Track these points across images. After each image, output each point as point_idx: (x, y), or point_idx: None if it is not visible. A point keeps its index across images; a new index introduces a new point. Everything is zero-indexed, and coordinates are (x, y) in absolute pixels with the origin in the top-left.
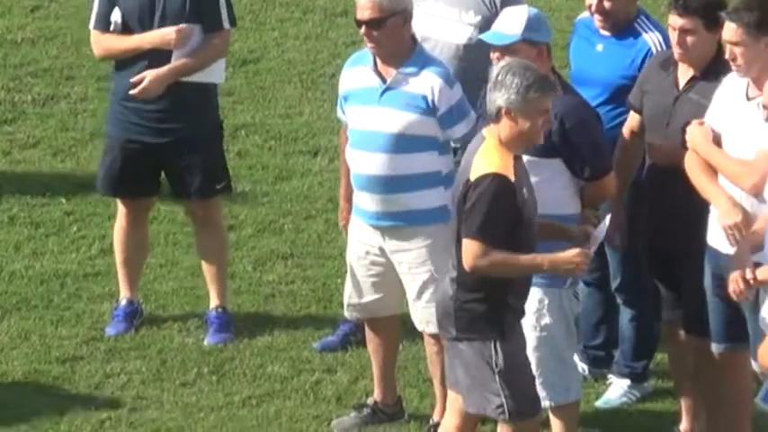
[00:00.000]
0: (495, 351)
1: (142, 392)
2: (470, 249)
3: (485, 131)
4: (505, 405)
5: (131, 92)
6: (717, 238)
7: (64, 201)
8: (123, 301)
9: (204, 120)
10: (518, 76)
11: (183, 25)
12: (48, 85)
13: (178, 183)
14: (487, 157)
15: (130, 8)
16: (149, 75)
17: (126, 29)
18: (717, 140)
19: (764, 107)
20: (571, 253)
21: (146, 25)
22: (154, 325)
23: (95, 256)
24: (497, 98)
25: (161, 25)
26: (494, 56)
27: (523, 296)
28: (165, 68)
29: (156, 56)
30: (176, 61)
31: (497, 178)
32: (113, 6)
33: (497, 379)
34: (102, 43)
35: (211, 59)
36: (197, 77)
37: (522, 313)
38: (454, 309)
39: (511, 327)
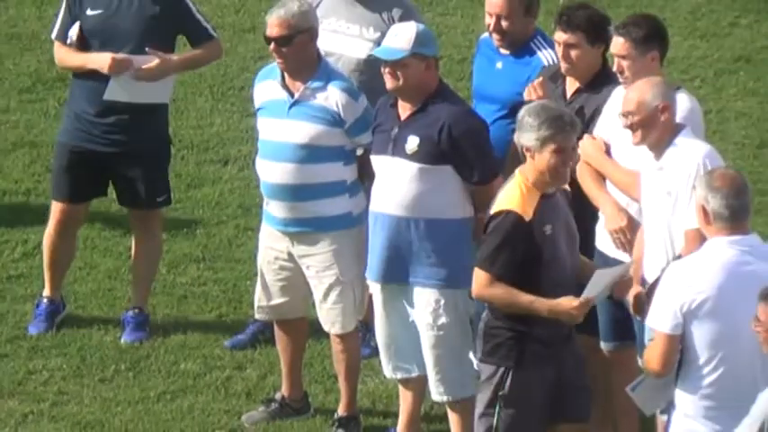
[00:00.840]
0: (506, 377)
1: (63, 388)
2: (476, 278)
3: (518, 170)
4: (494, 422)
5: (144, 66)
6: (604, 242)
7: None
8: (45, 300)
9: (151, 136)
10: (532, 115)
11: (121, 55)
12: None
13: (123, 192)
14: (509, 193)
15: (90, 25)
16: (158, 60)
17: (85, 43)
18: (607, 151)
19: (622, 115)
20: (570, 304)
21: (105, 44)
22: (74, 324)
23: (18, 260)
24: (519, 137)
25: (117, 46)
26: (384, 70)
27: (553, 326)
28: (176, 59)
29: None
30: (191, 54)
31: (510, 216)
32: (75, 21)
33: (498, 400)
34: (57, 54)
35: (207, 62)
36: (147, 99)
37: (554, 342)
38: (483, 332)
39: (533, 356)
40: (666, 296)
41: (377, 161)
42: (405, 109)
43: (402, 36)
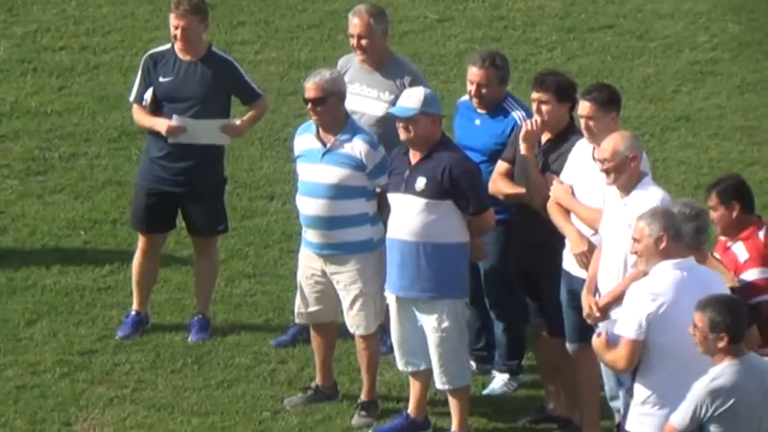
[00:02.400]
0: None
1: (141, 377)
2: None
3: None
4: None
5: (234, 122)
6: (570, 262)
7: (83, 233)
8: (133, 313)
9: (210, 177)
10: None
11: (174, 123)
12: (71, 146)
13: (190, 222)
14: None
15: (162, 90)
16: (236, 125)
17: (159, 104)
18: (572, 191)
19: (599, 161)
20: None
21: (175, 104)
22: (151, 327)
23: (106, 275)
24: None
25: (188, 105)
26: (399, 125)
27: None
28: (243, 122)
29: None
30: (247, 116)
31: None
32: (149, 87)
33: None
34: (135, 115)
35: (261, 116)
36: (211, 140)
37: None
38: None
39: None
40: (632, 308)
41: (392, 198)
42: (415, 156)
43: (413, 98)
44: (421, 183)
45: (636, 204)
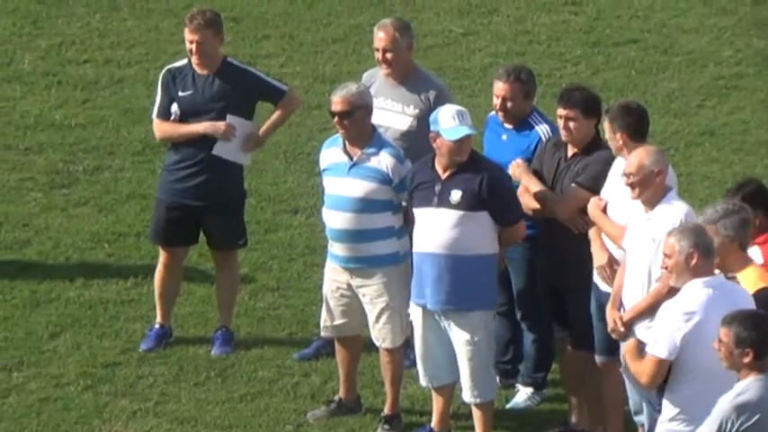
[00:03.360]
0: None
1: (165, 390)
2: None
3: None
4: None
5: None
6: (597, 277)
7: (107, 245)
8: (157, 326)
9: (231, 189)
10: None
11: (228, 122)
12: (95, 159)
13: (210, 236)
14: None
15: (183, 104)
16: (256, 134)
17: (181, 118)
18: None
19: (624, 175)
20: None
21: (196, 117)
22: (174, 340)
23: (129, 288)
24: None
25: (210, 117)
26: (458, 145)
27: None
28: (266, 126)
29: (202, 139)
30: (274, 117)
31: None
32: (171, 101)
33: None
34: (162, 128)
35: (291, 114)
36: (231, 158)
37: None
38: None
39: None
40: (666, 328)
41: (420, 213)
42: (444, 170)
43: (466, 117)
44: (456, 195)
45: (660, 219)
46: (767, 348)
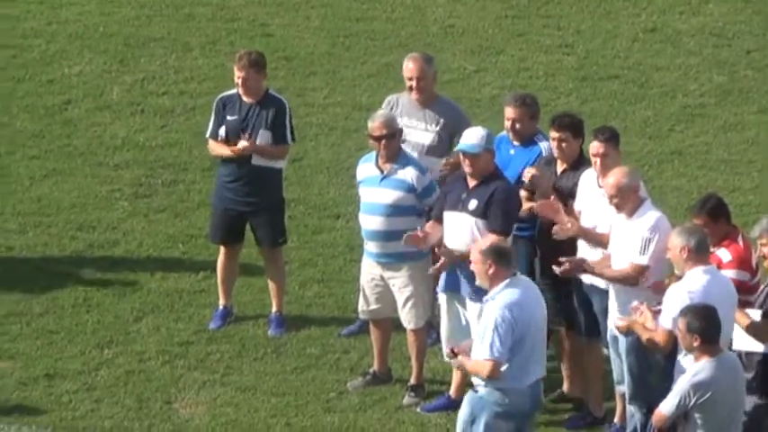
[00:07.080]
0: None
1: (230, 364)
2: None
3: None
4: None
5: (234, 149)
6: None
7: (181, 245)
8: (221, 307)
9: (271, 196)
10: None
11: (239, 147)
12: (171, 174)
13: (257, 236)
14: None
15: (230, 126)
16: (249, 147)
17: (228, 138)
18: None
19: (607, 195)
20: None
21: (239, 137)
22: (238, 323)
23: (200, 280)
24: None
25: (249, 136)
26: (465, 159)
27: None
28: (260, 147)
29: (241, 158)
30: (267, 148)
31: None
32: (220, 125)
33: None
34: (212, 147)
35: (275, 158)
36: (270, 163)
37: None
38: None
39: None
40: (673, 305)
41: (448, 215)
42: (472, 181)
43: (477, 137)
44: (473, 204)
45: (639, 222)
46: (713, 336)
